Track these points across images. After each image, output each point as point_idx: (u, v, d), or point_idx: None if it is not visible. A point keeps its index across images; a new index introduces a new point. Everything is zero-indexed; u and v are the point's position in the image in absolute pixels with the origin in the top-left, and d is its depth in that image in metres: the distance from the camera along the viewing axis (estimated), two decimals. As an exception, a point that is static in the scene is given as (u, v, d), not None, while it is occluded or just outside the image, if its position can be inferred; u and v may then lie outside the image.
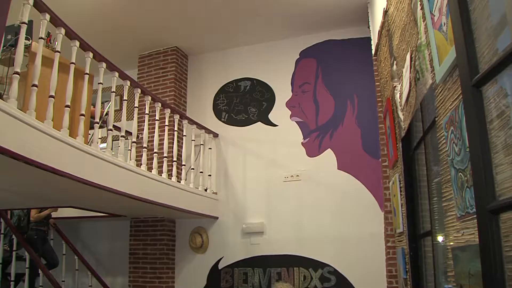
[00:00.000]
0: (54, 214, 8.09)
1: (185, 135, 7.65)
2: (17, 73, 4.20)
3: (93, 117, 5.77)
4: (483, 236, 2.02)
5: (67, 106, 4.85)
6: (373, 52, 6.60)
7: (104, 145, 5.86)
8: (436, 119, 2.97)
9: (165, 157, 6.87)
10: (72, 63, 5.01)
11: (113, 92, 5.84)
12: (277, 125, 7.94)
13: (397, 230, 5.46)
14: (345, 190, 7.20)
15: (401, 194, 4.92)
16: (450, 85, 2.56)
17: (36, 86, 4.40)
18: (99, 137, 5.74)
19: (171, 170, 7.01)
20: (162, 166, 6.76)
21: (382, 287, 6.42)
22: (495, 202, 1.92)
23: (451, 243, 2.80)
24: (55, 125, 4.58)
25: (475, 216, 2.24)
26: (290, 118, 7.85)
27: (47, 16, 4.61)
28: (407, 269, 4.75)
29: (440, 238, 3.62)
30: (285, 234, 7.44)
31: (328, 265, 7.12)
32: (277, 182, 7.64)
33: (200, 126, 7.85)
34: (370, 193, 7.05)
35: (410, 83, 3.85)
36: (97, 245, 8.73)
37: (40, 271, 7.13)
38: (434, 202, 3.84)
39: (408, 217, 4.65)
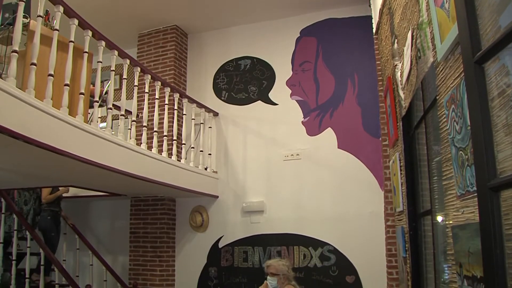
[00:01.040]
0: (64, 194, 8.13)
1: (185, 114, 7.64)
2: (15, 51, 4.18)
3: (92, 96, 5.74)
4: (483, 214, 2.02)
5: (67, 84, 4.83)
6: (374, 30, 6.55)
7: (104, 124, 5.86)
8: (437, 97, 2.95)
9: (165, 136, 6.86)
10: (71, 41, 4.98)
11: (113, 70, 5.81)
12: (277, 104, 7.92)
13: (397, 209, 5.46)
14: (345, 169, 7.20)
15: (401, 173, 4.92)
16: (451, 63, 2.54)
17: (35, 64, 4.38)
18: (99, 116, 5.73)
19: (171, 149, 7.01)
20: (162, 145, 6.76)
21: (381, 266, 6.45)
22: (496, 180, 1.92)
23: (451, 222, 2.81)
24: (54, 104, 4.57)
25: (475, 194, 2.23)
26: (290, 97, 7.83)
27: (45, -6, 4.58)
28: (406, 248, 4.76)
29: (440, 217, 3.62)
30: (285, 213, 7.46)
31: (327, 244, 7.14)
32: (277, 161, 7.64)
33: (200, 105, 7.83)
34: (370, 172, 7.05)
35: (411, 61, 3.83)
36: (98, 224, 8.76)
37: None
38: (434, 181, 3.84)
39: (408, 196, 4.65)
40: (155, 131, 6.57)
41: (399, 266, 5.71)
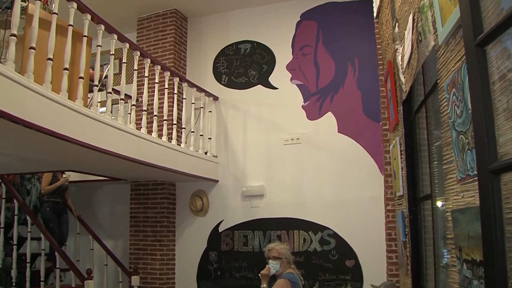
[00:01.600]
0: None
1: (185, 98, 7.62)
2: (13, 35, 4.16)
3: (92, 80, 5.73)
4: (484, 197, 2.02)
5: (66, 69, 4.81)
6: (374, 14, 6.51)
7: (104, 109, 5.85)
8: (438, 81, 2.94)
9: (165, 120, 6.85)
10: (70, 25, 4.95)
11: (112, 54, 5.79)
12: (277, 88, 7.90)
13: (397, 193, 5.47)
14: (345, 154, 7.19)
15: (401, 158, 4.91)
16: (452, 47, 2.52)
17: (33, 48, 4.36)
18: (99, 100, 5.71)
19: (171, 133, 7.00)
20: (162, 129, 6.75)
21: (381, 250, 6.47)
22: (497, 163, 1.91)
23: (451, 206, 2.81)
24: (53, 88, 4.56)
25: (475, 178, 2.23)
26: (291, 81, 7.80)
27: (44, -23, 4.55)
28: (406, 232, 4.77)
29: (440, 201, 3.62)
30: (285, 197, 7.47)
31: (327, 228, 7.16)
32: (277, 145, 7.63)
33: (200, 89, 7.81)
34: (370, 156, 7.05)
35: (412, 45, 3.81)
36: (98, 209, 8.77)
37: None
38: (434, 166, 3.83)
39: (408, 180, 4.65)
40: (155, 115, 6.56)
41: (398, 251, 5.72)
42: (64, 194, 7.59)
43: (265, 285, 4.98)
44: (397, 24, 4.71)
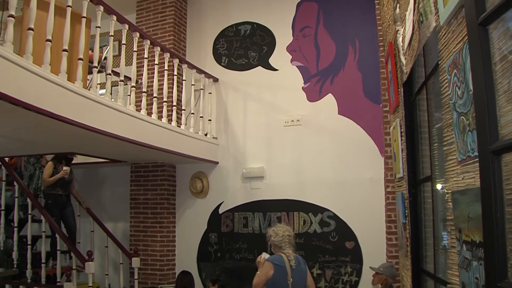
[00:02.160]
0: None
1: (184, 80, 7.59)
2: (12, 16, 4.13)
3: (91, 61, 5.70)
4: (484, 178, 2.01)
5: (65, 50, 4.79)
6: (375, -5, 6.49)
7: (103, 91, 5.82)
8: (439, 62, 2.93)
9: (165, 101, 6.84)
10: (69, 6, 4.92)
11: (111, 36, 5.76)
12: (277, 70, 7.86)
13: (397, 175, 5.47)
14: (345, 135, 7.18)
15: (401, 139, 4.91)
16: (454, 27, 2.50)
17: (32, 29, 4.33)
18: (98, 82, 5.69)
19: (171, 115, 6.99)
20: (162, 110, 6.73)
21: (381, 232, 6.50)
22: (498, 143, 1.91)
23: (451, 187, 2.81)
24: (53, 69, 4.54)
25: (476, 159, 2.23)
26: (291, 62, 7.76)
27: (41, -43, 4.51)
28: (406, 214, 4.78)
29: (440, 183, 3.62)
30: (285, 178, 7.47)
31: (327, 210, 7.17)
32: (277, 127, 7.61)
33: (200, 71, 7.78)
34: (370, 138, 7.03)
35: (413, 26, 3.78)
36: (98, 191, 8.77)
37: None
38: (435, 148, 3.83)
39: (408, 162, 4.65)
40: (155, 97, 6.54)
41: (398, 232, 5.74)
42: (68, 186, 7.52)
43: (259, 272, 5.01)
44: (398, 5, 4.68)
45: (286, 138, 7.53)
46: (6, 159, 7.77)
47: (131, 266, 7.54)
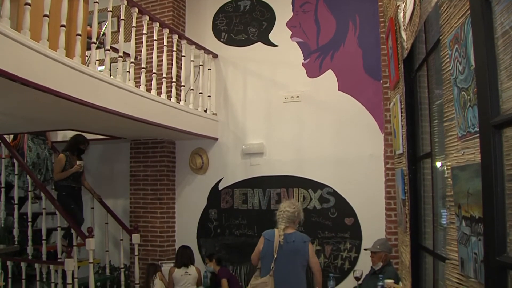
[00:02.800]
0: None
1: (184, 56, 7.55)
2: (8, -10, 4.09)
3: (89, 37, 5.65)
4: (485, 152, 2.01)
5: (63, 26, 4.75)
6: (376, -31, 6.43)
7: (102, 67, 5.79)
8: (440, 37, 2.91)
9: (164, 77, 6.80)
10: (66, -20, 4.87)
11: (110, 11, 5.71)
12: (277, 46, 7.80)
13: (396, 151, 5.47)
14: (345, 112, 7.15)
15: (401, 116, 4.89)
16: (456, 2, 2.48)
17: (29, 4, 4.28)
18: (97, 59, 5.66)
19: (170, 91, 6.96)
20: (161, 87, 6.70)
21: (380, 208, 6.52)
22: (500, 117, 1.90)
23: (451, 163, 2.80)
24: (51, 45, 4.51)
25: (476, 135, 2.22)
26: (291, 38, 7.70)
27: None
28: (405, 190, 4.78)
29: (439, 160, 3.62)
30: (285, 155, 7.47)
31: (327, 186, 7.18)
32: (277, 103, 7.58)
33: (199, 47, 7.73)
34: (370, 114, 7.01)
35: (414, 1, 3.75)
36: (98, 168, 8.77)
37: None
38: (435, 125, 3.83)
39: (408, 138, 4.65)
40: (154, 73, 6.51)
41: (397, 209, 5.76)
42: (79, 178, 7.42)
43: None
44: (399, -21, 4.64)
45: (286, 114, 7.51)
46: (7, 136, 7.75)
47: (131, 243, 7.58)
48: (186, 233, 8.07)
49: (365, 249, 5.66)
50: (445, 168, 3.09)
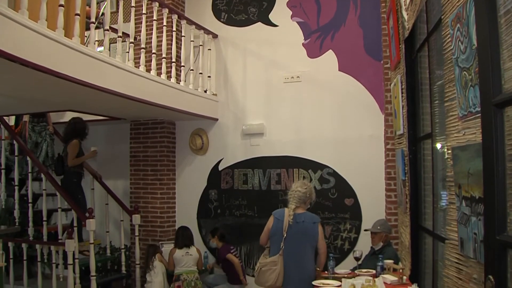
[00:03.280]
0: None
1: (183, 36, 7.50)
2: (6, -31, 4.05)
3: (88, 17, 5.62)
4: (486, 131, 2.00)
5: (61, 5, 4.71)
6: None
7: (102, 48, 5.75)
8: (442, 17, 2.89)
9: (164, 58, 6.77)
10: (65, -41, 4.82)
11: (108, -10, 5.68)
12: (277, 26, 7.75)
13: (397, 132, 5.47)
14: (345, 92, 7.13)
15: (402, 96, 4.88)
16: (458, -20, 2.46)
17: (27, -17, 4.25)
18: (96, 39, 5.62)
19: (170, 71, 6.93)
20: (161, 67, 6.67)
21: (380, 189, 6.53)
22: (501, 96, 1.89)
23: (452, 143, 2.80)
24: (49, 25, 4.47)
25: (477, 115, 2.21)
26: (291, 18, 7.64)
27: None
28: (406, 171, 4.78)
29: (440, 140, 3.62)
30: (285, 135, 7.46)
31: (327, 167, 7.18)
32: (277, 83, 7.55)
33: (199, 27, 7.68)
34: (371, 95, 6.99)
35: (415, -20, 3.72)
36: (98, 149, 8.72)
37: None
38: (435, 106, 3.82)
39: (408, 119, 4.64)
40: (154, 53, 6.48)
41: (398, 189, 5.77)
42: (83, 164, 7.44)
43: None
44: (400, -42, 4.60)
45: (286, 95, 7.48)
46: (6, 118, 7.73)
47: (132, 223, 7.61)
48: (186, 213, 8.09)
49: (365, 230, 5.67)
50: (445, 149, 3.08)
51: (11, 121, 8.11)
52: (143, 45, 6.29)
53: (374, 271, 4.75)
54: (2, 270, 5.11)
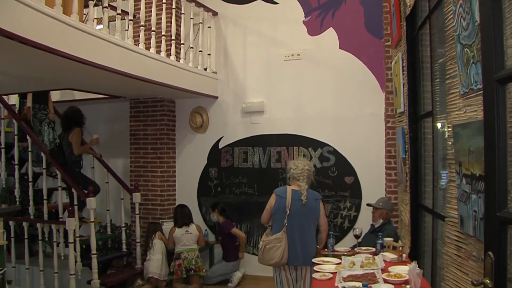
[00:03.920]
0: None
1: (183, 13, 7.45)
2: None
3: (87, -6, 5.58)
4: (488, 107, 1.99)
5: (59, -18, 4.67)
6: None
7: (101, 26, 5.71)
8: (444, -7, 2.86)
9: (164, 35, 6.74)
10: None
11: (106, -32, 5.62)
12: (277, 3, 7.68)
13: (397, 110, 5.45)
14: (346, 70, 7.10)
15: (403, 74, 4.86)
16: (460, -45, 2.43)
17: (24, -40, 4.20)
18: (95, 17, 5.58)
19: (170, 49, 6.90)
20: (161, 45, 6.63)
21: (380, 167, 6.53)
22: (504, 71, 1.87)
23: (452, 121, 2.79)
24: (47, 2, 4.44)
25: (479, 92, 2.20)
26: (291, -5, 7.60)
27: None
28: (406, 149, 4.78)
29: (441, 118, 3.61)
30: (285, 113, 7.44)
31: (327, 145, 7.18)
32: (277, 61, 7.52)
33: (199, 4, 7.61)
34: (371, 73, 6.96)
35: (417, -45, 3.68)
36: (98, 127, 8.70)
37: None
38: (436, 84, 3.81)
39: (409, 96, 4.63)
40: (153, 31, 6.44)
41: (398, 167, 5.77)
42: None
43: None
44: None
45: (286, 73, 7.46)
46: (4, 96, 7.70)
47: (132, 202, 7.62)
48: (186, 191, 8.11)
49: (367, 204, 5.68)
50: (446, 126, 3.07)
51: (11, 100, 8.08)
52: (142, 23, 6.25)
53: (373, 249, 4.76)
54: (4, 249, 5.11)
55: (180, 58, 7.09)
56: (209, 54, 7.78)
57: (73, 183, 6.68)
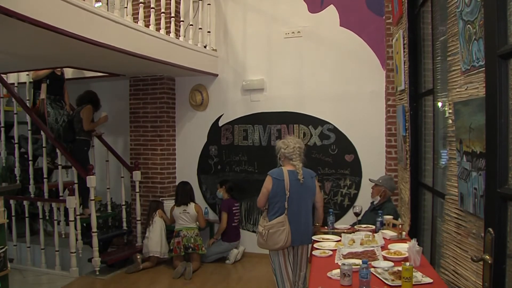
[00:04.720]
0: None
1: (182, -10, 7.41)
2: None
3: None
4: (490, 83, 1.98)
5: (58, -42, 4.62)
6: None
7: (99, 4, 5.67)
8: (446, -31, 2.84)
9: (163, 13, 6.68)
10: None
11: None
12: (278, -20, 7.64)
13: (398, 88, 5.44)
14: (346, 48, 7.07)
15: (404, 51, 4.84)
16: None
17: None
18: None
19: (169, 26, 6.87)
20: (160, 22, 6.59)
21: (380, 145, 6.53)
22: (507, 46, 1.86)
23: (453, 98, 2.78)
24: (45, -22, 4.40)
25: (480, 69, 2.19)
26: (292, -28, 7.53)
27: None
28: (406, 127, 4.77)
29: (442, 96, 3.60)
30: (286, 91, 7.42)
31: (327, 123, 7.17)
32: (277, 39, 7.48)
33: (198, -19, 7.57)
34: (372, 51, 6.93)
35: None
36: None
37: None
38: (438, 62, 3.80)
39: (410, 74, 4.61)
40: (152, 8, 6.39)
41: (398, 145, 5.77)
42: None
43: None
44: None
45: (287, 50, 7.42)
46: (4, 76, 7.68)
47: (132, 180, 7.65)
48: (186, 169, 8.12)
49: (369, 179, 5.68)
50: (447, 104, 3.07)
51: (10, 78, 8.05)
52: (141, 0, 6.20)
53: (373, 227, 4.78)
54: (4, 227, 5.13)
55: (179, 36, 7.05)
56: (209, 32, 7.74)
57: (75, 162, 6.69)
